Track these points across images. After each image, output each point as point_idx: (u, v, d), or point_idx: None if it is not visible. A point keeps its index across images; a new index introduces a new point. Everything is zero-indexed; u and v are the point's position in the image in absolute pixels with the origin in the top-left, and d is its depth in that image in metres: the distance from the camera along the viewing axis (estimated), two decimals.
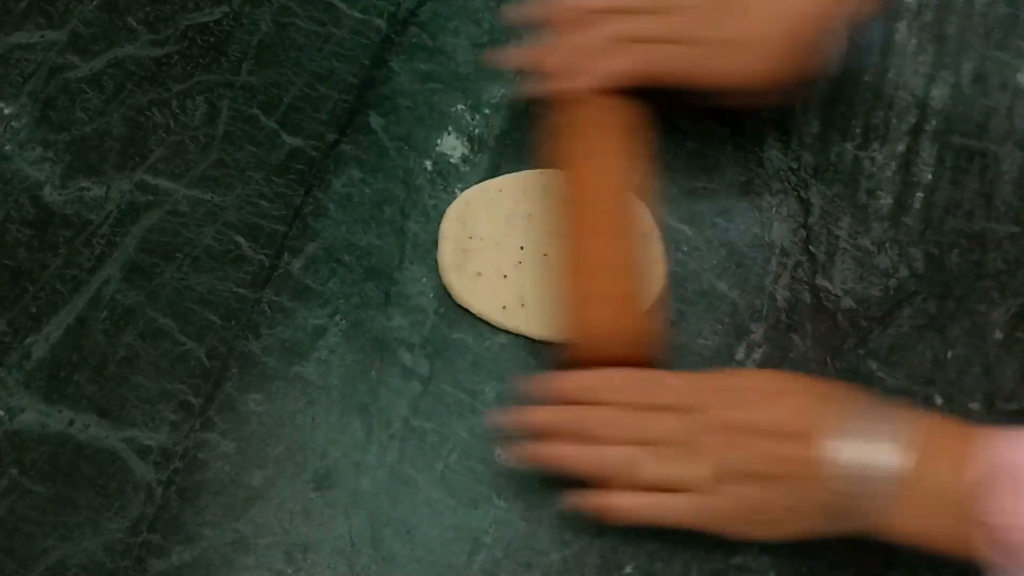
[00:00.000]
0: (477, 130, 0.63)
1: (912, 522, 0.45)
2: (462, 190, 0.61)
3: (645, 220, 0.60)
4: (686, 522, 0.50)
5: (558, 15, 0.60)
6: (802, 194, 0.62)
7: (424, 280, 0.60)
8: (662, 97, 0.59)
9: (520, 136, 0.63)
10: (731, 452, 0.49)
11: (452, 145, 0.63)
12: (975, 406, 0.56)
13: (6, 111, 0.64)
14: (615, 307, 0.54)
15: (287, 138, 0.63)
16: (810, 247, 0.60)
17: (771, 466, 0.48)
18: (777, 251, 0.60)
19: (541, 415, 0.52)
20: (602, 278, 0.55)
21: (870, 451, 0.45)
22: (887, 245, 0.60)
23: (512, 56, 0.60)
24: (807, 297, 0.59)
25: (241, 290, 0.59)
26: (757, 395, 0.50)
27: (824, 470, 0.46)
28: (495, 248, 0.59)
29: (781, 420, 0.49)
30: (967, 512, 0.43)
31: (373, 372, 0.57)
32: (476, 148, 0.63)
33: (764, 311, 0.59)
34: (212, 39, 0.66)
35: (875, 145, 0.63)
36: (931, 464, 0.45)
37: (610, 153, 0.57)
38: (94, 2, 0.67)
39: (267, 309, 0.59)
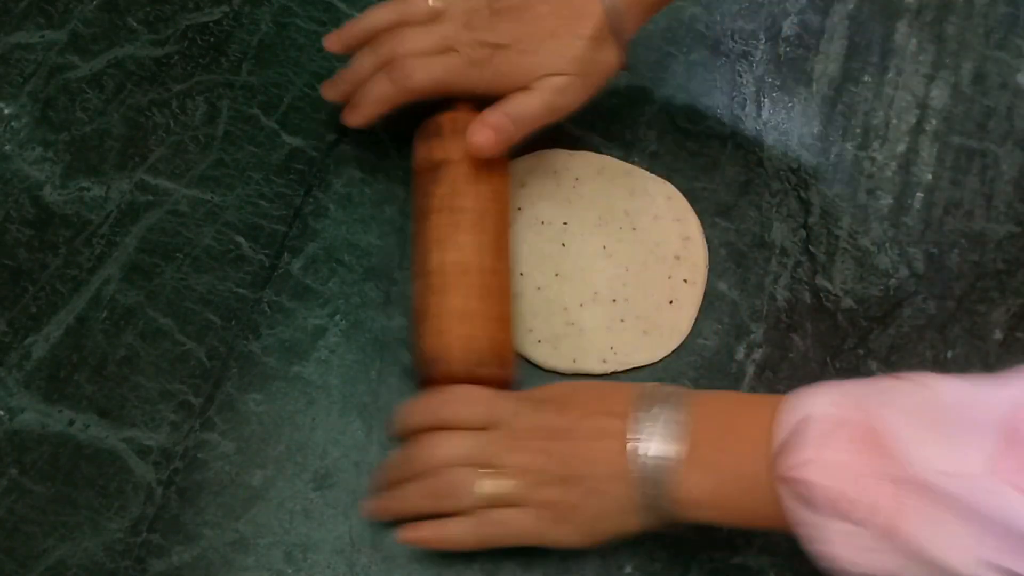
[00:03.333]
0: None
1: (708, 500, 0.46)
2: None
3: (690, 223, 0.60)
4: (504, 539, 0.50)
5: (354, 38, 0.59)
6: (802, 194, 0.62)
7: None
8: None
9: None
10: (536, 459, 0.49)
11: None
12: None
13: (6, 111, 0.64)
14: (447, 326, 0.54)
15: (287, 138, 0.63)
16: (810, 247, 0.60)
17: (574, 467, 0.48)
18: (777, 251, 0.60)
19: (383, 471, 0.54)
20: (465, 297, 0.54)
21: (654, 439, 0.46)
22: (887, 245, 0.60)
23: (326, 91, 0.61)
24: (807, 297, 0.59)
25: (241, 290, 0.59)
26: (557, 400, 0.51)
27: (626, 465, 0.47)
28: None
29: (578, 421, 0.49)
30: (773, 476, 0.43)
31: (373, 372, 0.57)
32: None
33: (764, 311, 0.59)
34: (212, 39, 0.66)
35: (875, 145, 0.63)
36: (714, 441, 0.46)
37: (495, 172, 0.57)
38: (94, 2, 0.67)
39: (267, 309, 0.59)
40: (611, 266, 0.59)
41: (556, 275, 0.59)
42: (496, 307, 0.55)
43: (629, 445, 0.47)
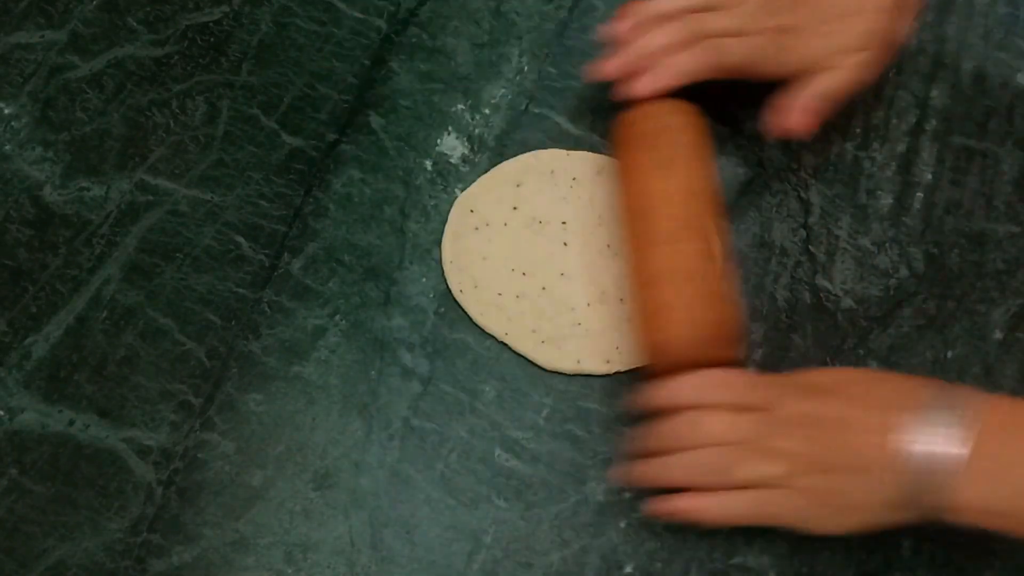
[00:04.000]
0: (477, 130, 0.63)
1: (994, 509, 0.45)
2: (462, 190, 0.61)
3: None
4: (762, 518, 0.50)
5: (632, 25, 0.59)
6: (802, 194, 0.62)
7: (424, 280, 0.60)
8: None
9: (520, 136, 0.63)
10: (802, 445, 0.49)
11: (452, 145, 0.63)
12: None
13: (6, 111, 0.64)
14: (682, 316, 0.53)
15: (287, 138, 0.63)
16: (810, 247, 0.60)
17: (842, 457, 0.48)
18: (777, 251, 0.60)
19: (640, 441, 0.53)
20: (669, 287, 0.54)
21: (938, 440, 0.46)
22: (887, 245, 0.60)
23: (603, 67, 0.60)
24: (807, 297, 0.59)
25: (241, 290, 0.59)
26: (827, 389, 0.50)
27: (897, 460, 0.46)
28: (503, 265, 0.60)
29: (851, 412, 0.49)
30: None
31: (373, 372, 0.57)
32: (476, 148, 0.63)
33: (764, 311, 0.59)
34: (212, 39, 0.66)
35: (875, 145, 0.63)
36: (993, 447, 0.45)
37: (677, 159, 0.57)
38: (94, 2, 0.67)
39: (267, 309, 0.59)
40: (618, 265, 0.59)
41: (561, 275, 0.59)
42: (725, 288, 0.55)
43: (901, 442, 0.46)
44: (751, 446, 0.50)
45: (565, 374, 0.57)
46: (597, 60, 0.59)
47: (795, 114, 0.57)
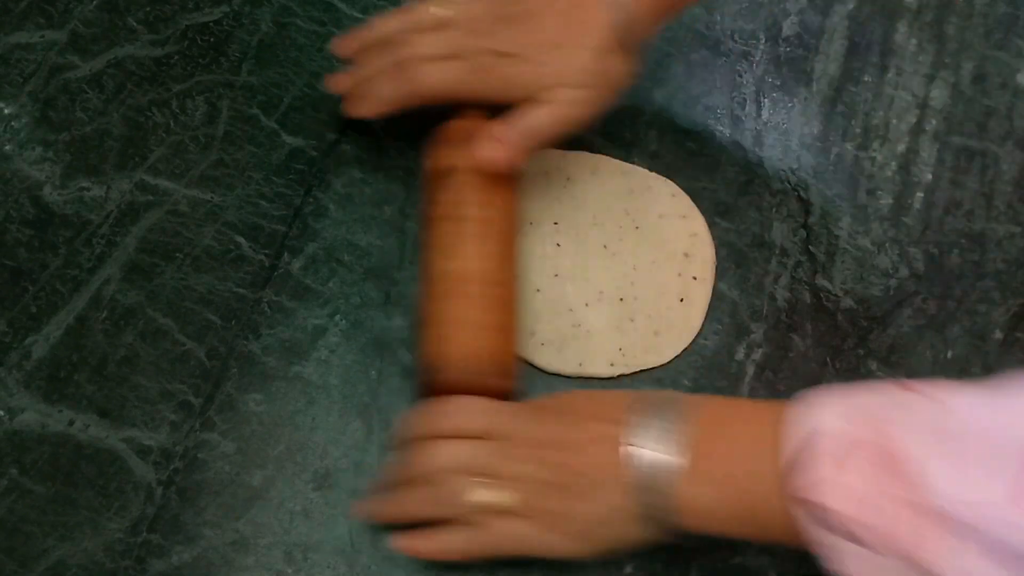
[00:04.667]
0: None
1: (710, 511, 0.45)
2: None
3: (696, 219, 0.60)
4: (499, 549, 0.50)
5: (355, 48, 0.60)
6: (802, 194, 0.62)
7: None
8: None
9: None
10: (534, 469, 0.49)
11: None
12: None
13: (6, 111, 0.64)
14: (446, 334, 0.54)
15: (287, 138, 0.63)
16: (810, 247, 0.60)
17: (572, 475, 0.48)
18: (777, 251, 0.60)
19: (375, 481, 0.54)
20: (464, 307, 0.54)
21: (656, 445, 0.46)
22: (887, 245, 0.60)
23: (330, 82, 0.61)
24: (807, 297, 0.59)
25: (241, 290, 0.59)
26: (553, 410, 0.51)
27: (623, 471, 0.46)
28: None
29: (575, 430, 0.49)
30: (784, 492, 0.42)
31: (373, 372, 0.57)
32: None
33: (764, 311, 0.59)
34: (212, 39, 0.66)
35: (875, 145, 0.63)
36: (714, 450, 0.45)
37: (501, 181, 0.56)
38: (94, 2, 0.67)
39: (267, 309, 0.59)
40: (616, 264, 0.59)
41: (555, 275, 0.59)
42: (498, 317, 0.55)
43: (623, 451, 0.46)
44: (482, 473, 0.49)
45: (568, 377, 0.57)
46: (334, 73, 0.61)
47: (490, 144, 0.54)
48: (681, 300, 0.58)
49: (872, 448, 0.40)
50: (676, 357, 0.58)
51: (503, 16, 0.56)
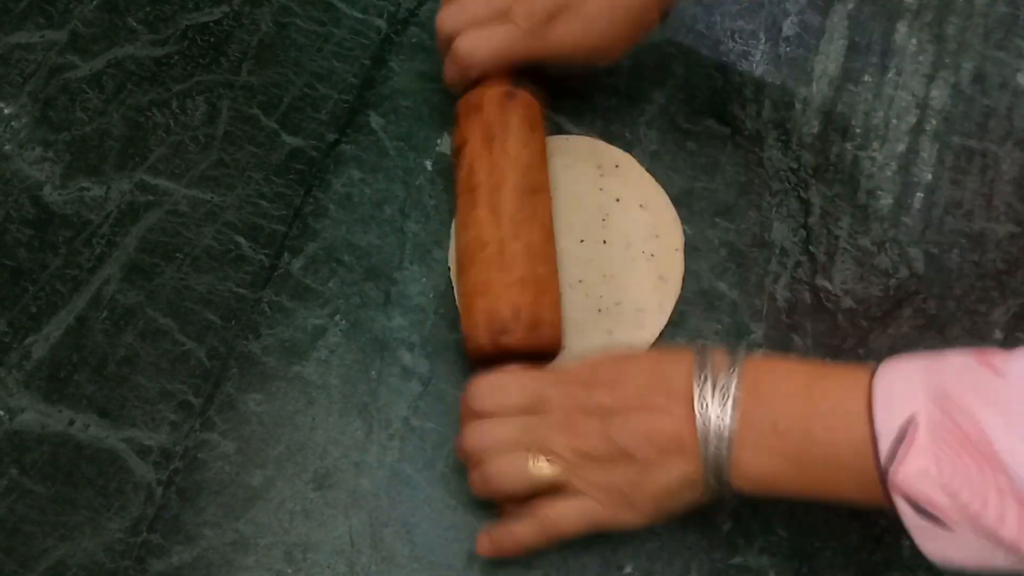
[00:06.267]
0: None
1: (779, 475, 0.45)
2: None
3: (675, 236, 0.60)
4: (563, 534, 0.50)
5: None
6: (802, 194, 0.62)
7: (424, 280, 0.59)
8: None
9: None
10: (584, 440, 0.48)
11: (452, 145, 0.63)
12: None
13: (6, 111, 0.64)
14: (492, 298, 0.54)
15: (287, 138, 0.63)
16: (810, 247, 0.60)
17: (631, 446, 0.47)
18: (777, 251, 0.60)
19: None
20: (483, 270, 0.54)
21: (724, 411, 0.45)
22: (887, 245, 0.60)
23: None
24: (807, 297, 0.59)
25: (241, 290, 0.59)
26: (604, 380, 0.50)
27: (689, 440, 0.46)
28: None
29: (634, 399, 0.48)
30: (880, 476, 0.42)
31: (373, 372, 0.57)
32: None
33: (764, 311, 0.59)
34: (212, 39, 0.66)
35: (875, 145, 0.63)
36: (788, 414, 0.45)
37: (508, 141, 0.57)
38: (94, 2, 0.67)
39: (267, 309, 0.59)
40: (591, 248, 0.60)
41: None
42: (521, 271, 0.54)
43: (687, 419, 0.46)
44: (536, 448, 0.49)
45: None
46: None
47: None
48: (660, 277, 0.59)
49: (969, 437, 0.40)
50: None
51: None
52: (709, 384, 0.46)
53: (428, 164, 0.62)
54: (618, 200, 0.60)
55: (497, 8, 0.58)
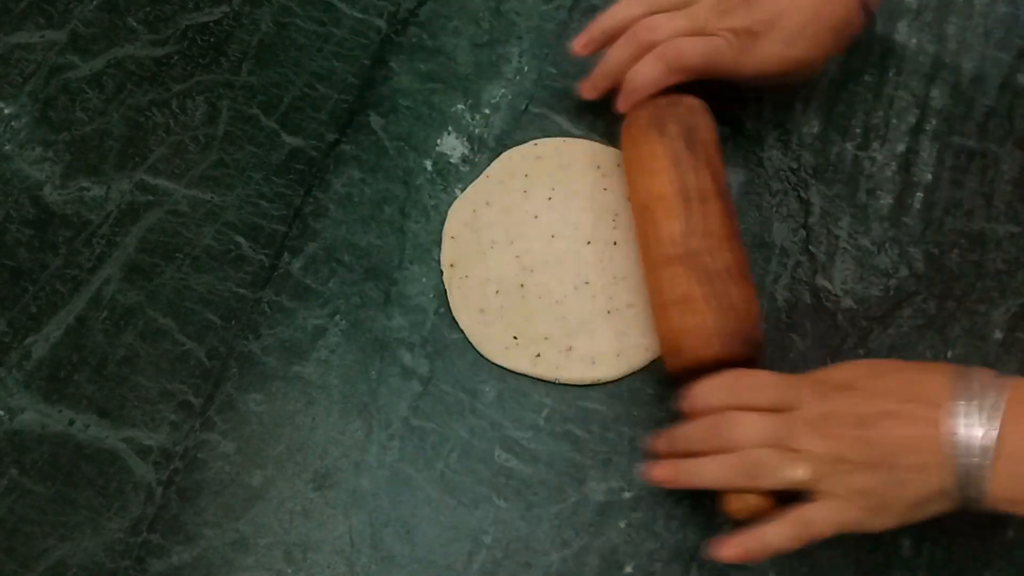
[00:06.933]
0: (477, 130, 0.63)
1: (1010, 491, 0.45)
2: (462, 190, 0.61)
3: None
4: (814, 537, 0.49)
5: (585, 42, 0.60)
6: (802, 194, 0.62)
7: (424, 280, 0.60)
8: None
9: (520, 136, 0.63)
10: (836, 445, 0.48)
11: (452, 145, 0.63)
12: None
13: (6, 111, 0.64)
14: (693, 343, 0.53)
15: (287, 138, 0.63)
16: (810, 247, 0.60)
17: (884, 455, 0.47)
18: (777, 251, 0.60)
19: (673, 436, 0.53)
20: (675, 312, 0.54)
21: (975, 426, 0.45)
22: (887, 245, 0.60)
23: (582, 91, 0.62)
24: (807, 297, 0.59)
25: (241, 290, 0.59)
26: (851, 385, 0.50)
27: (945, 453, 0.46)
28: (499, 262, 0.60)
29: (890, 405, 0.48)
30: None
31: (373, 372, 0.57)
32: (476, 148, 0.63)
33: (764, 311, 0.59)
34: (212, 39, 0.66)
35: (875, 145, 0.63)
36: (1013, 428, 0.45)
37: (683, 159, 0.56)
38: (94, 2, 0.67)
39: (267, 309, 0.59)
40: (601, 250, 0.59)
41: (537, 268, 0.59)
42: (716, 287, 0.54)
43: (949, 433, 0.46)
44: (788, 447, 0.49)
45: (577, 385, 0.57)
46: (582, 80, 0.61)
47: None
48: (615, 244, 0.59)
49: None
50: None
51: None
52: (973, 399, 0.46)
53: (428, 164, 0.62)
54: (629, 199, 0.60)
55: (699, 24, 0.57)
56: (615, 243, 0.60)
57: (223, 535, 0.54)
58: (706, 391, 0.52)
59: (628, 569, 0.53)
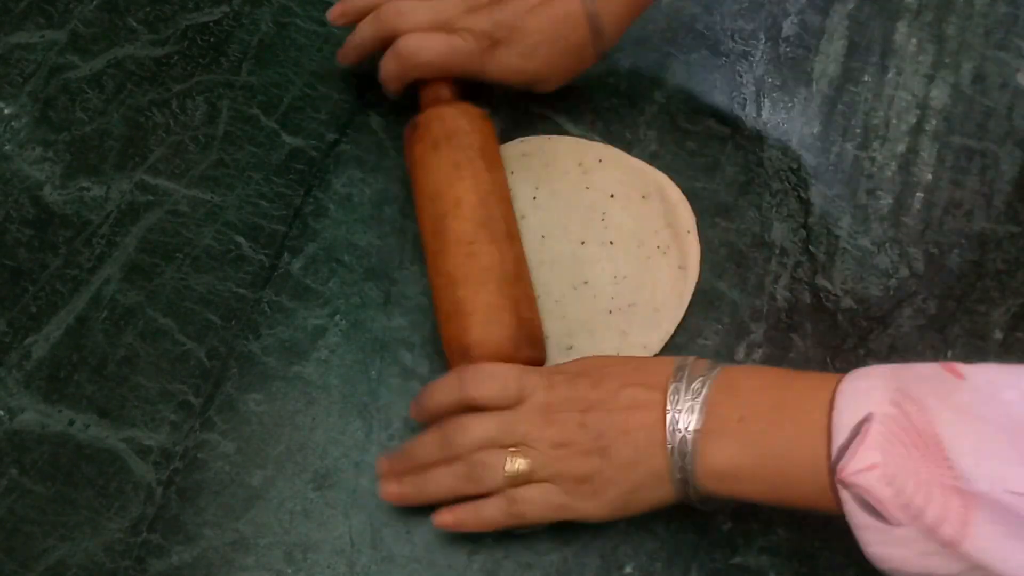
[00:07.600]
0: None
1: (743, 474, 0.46)
2: None
3: (685, 217, 0.60)
4: (528, 517, 0.50)
5: (355, 10, 0.62)
6: (802, 194, 0.62)
7: (424, 280, 0.59)
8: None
9: (520, 136, 0.63)
10: (566, 433, 0.49)
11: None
12: None
13: (6, 111, 0.64)
14: (480, 319, 0.54)
15: (287, 138, 0.63)
16: (810, 247, 0.60)
17: (608, 439, 0.48)
18: (777, 251, 0.60)
19: (411, 452, 0.53)
20: (465, 289, 0.54)
21: (696, 412, 0.46)
22: (887, 245, 0.60)
23: (340, 56, 0.64)
24: (807, 297, 0.59)
25: (241, 290, 0.59)
26: (587, 376, 0.50)
27: (662, 436, 0.47)
28: None
29: (614, 394, 0.49)
30: (829, 470, 0.42)
31: (373, 372, 0.57)
32: None
33: (764, 311, 0.59)
34: (212, 39, 0.66)
35: (875, 145, 0.63)
36: (757, 417, 0.46)
37: (468, 162, 0.57)
38: (94, 2, 0.67)
39: (267, 309, 0.59)
40: (596, 249, 0.59)
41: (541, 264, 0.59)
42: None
43: (661, 414, 0.47)
44: (516, 443, 0.50)
45: None
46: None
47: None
48: (680, 267, 0.59)
49: (922, 434, 0.40)
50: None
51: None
52: (685, 382, 0.47)
53: None
54: (612, 196, 0.60)
55: (443, 18, 0.58)
56: (611, 243, 0.60)
57: (223, 535, 0.54)
58: (434, 391, 0.53)
59: (628, 569, 0.53)
